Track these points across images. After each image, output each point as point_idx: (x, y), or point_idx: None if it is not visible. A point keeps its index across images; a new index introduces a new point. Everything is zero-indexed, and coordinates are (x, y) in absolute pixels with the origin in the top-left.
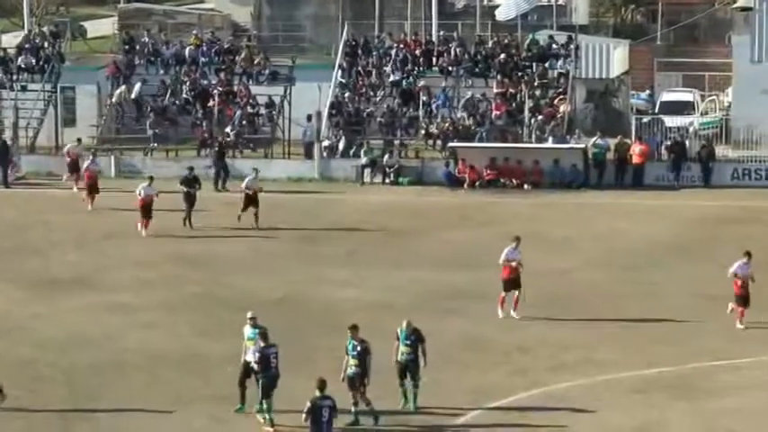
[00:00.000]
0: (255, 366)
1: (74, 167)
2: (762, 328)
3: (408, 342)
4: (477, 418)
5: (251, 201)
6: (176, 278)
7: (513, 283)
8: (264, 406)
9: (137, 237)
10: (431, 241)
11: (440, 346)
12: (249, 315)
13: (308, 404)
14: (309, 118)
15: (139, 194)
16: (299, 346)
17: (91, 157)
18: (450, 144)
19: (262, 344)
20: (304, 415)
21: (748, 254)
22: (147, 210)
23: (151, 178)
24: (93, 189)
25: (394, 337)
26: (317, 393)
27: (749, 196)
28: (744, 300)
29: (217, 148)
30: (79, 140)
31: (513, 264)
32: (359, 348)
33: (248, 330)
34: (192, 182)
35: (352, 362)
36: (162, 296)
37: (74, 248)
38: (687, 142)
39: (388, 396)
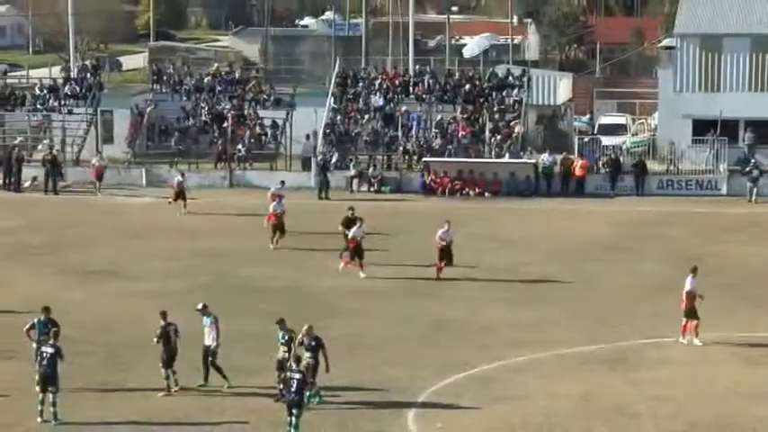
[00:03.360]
0: (155, 340)
1: None
2: (680, 311)
3: (308, 347)
4: (444, 387)
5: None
6: (194, 269)
7: (693, 312)
8: (167, 373)
9: (162, 235)
10: (410, 239)
11: (416, 327)
12: (199, 307)
13: (282, 375)
14: (308, 137)
15: (354, 237)
16: (296, 327)
17: (278, 199)
18: (424, 159)
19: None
20: (281, 384)
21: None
22: (358, 250)
23: (361, 220)
24: (278, 228)
25: (377, 319)
26: (293, 366)
27: (672, 203)
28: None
29: (322, 164)
30: (282, 183)
31: (693, 293)
32: (286, 338)
33: (204, 319)
34: (352, 222)
35: (282, 348)
36: (181, 284)
37: (109, 245)
38: (621, 158)
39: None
